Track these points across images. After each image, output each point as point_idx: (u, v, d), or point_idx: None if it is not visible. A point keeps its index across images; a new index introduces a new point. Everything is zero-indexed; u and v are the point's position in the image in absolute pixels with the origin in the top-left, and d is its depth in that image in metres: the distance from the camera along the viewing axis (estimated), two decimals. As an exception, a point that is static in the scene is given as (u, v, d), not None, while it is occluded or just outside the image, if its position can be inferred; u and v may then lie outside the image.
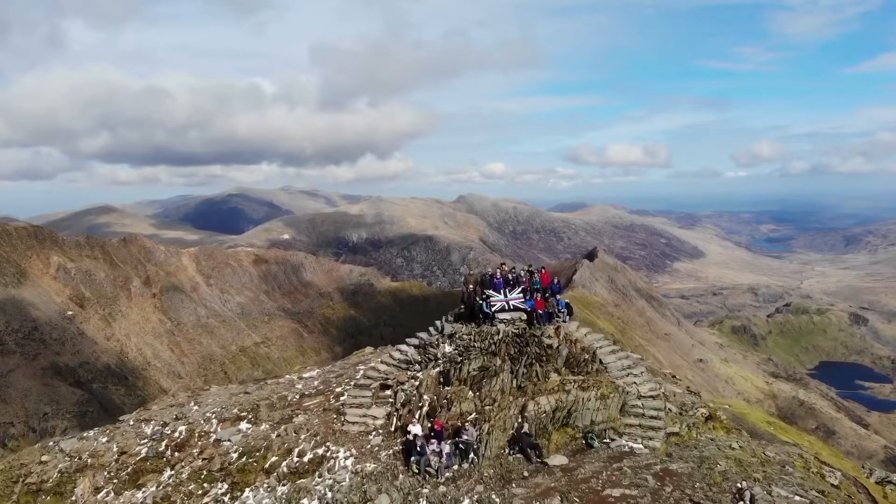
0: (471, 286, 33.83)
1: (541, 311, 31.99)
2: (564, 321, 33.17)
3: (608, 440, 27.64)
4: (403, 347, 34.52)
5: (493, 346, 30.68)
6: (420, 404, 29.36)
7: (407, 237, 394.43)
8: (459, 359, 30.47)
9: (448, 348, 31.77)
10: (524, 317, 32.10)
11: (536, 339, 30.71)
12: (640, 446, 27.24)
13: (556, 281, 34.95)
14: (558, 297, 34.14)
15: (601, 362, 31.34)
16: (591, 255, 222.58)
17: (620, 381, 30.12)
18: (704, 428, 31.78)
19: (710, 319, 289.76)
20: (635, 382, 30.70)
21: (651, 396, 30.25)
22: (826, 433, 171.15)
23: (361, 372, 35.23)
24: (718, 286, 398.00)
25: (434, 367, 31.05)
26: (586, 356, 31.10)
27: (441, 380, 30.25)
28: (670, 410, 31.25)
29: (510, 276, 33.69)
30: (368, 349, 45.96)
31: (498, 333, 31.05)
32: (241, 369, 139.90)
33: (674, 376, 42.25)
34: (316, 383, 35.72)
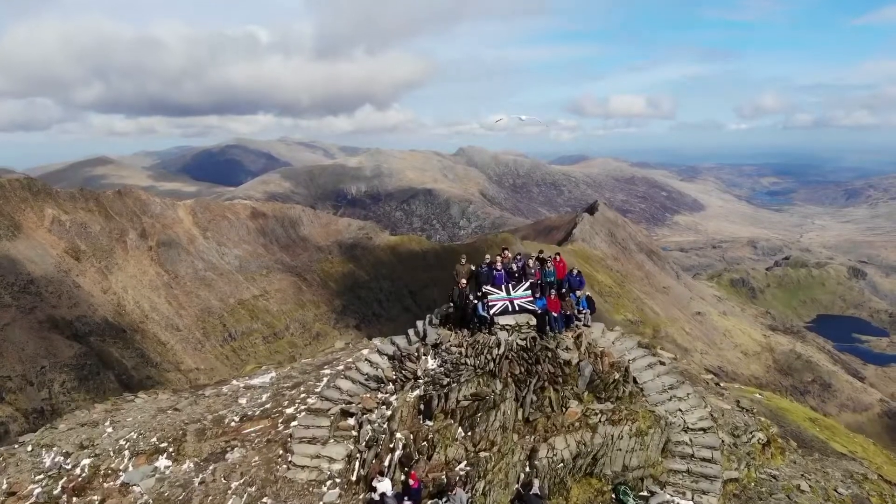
0: (462, 280, 25.91)
1: (555, 314, 24.80)
2: (587, 325, 26.20)
3: (646, 494, 21.66)
4: (375, 358, 27.20)
5: (492, 364, 23.39)
6: (391, 445, 22.15)
7: (406, 190, 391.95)
8: (446, 380, 23.23)
9: (431, 363, 24.60)
10: (533, 321, 24.96)
11: (550, 354, 23.66)
12: (690, 503, 21.38)
13: (574, 272, 27.43)
14: (578, 293, 26.50)
15: (635, 382, 24.40)
16: (591, 209, 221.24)
17: (661, 407, 23.77)
18: (762, 459, 25.41)
19: (708, 272, 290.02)
20: (680, 410, 24.10)
21: (702, 429, 23.68)
22: (822, 386, 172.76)
23: (324, 383, 27.87)
24: (718, 239, 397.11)
25: (412, 390, 23.72)
26: (616, 375, 23.83)
27: (421, 408, 23.01)
28: (723, 443, 24.35)
29: (514, 265, 26.78)
30: (339, 344, 38.10)
31: (498, 346, 23.83)
32: (239, 322, 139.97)
33: (717, 384, 35.00)
34: (265, 397, 28.16)
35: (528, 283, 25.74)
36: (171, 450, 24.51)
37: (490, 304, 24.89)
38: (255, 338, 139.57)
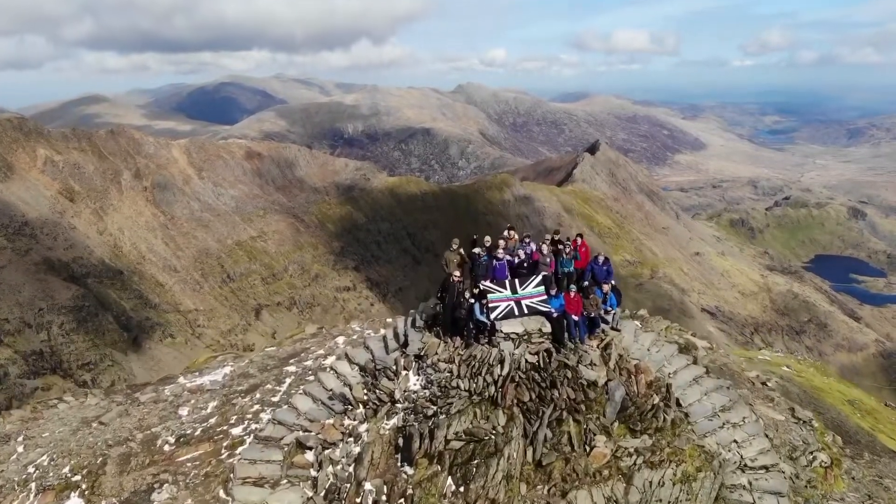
0: (455, 273, 19.80)
1: (576, 317, 19.38)
2: (616, 328, 20.92)
3: None
4: (343, 368, 21.49)
5: (493, 388, 18.14)
6: (358, 500, 17.12)
7: (404, 129, 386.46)
8: (432, 409, 18.14)
9: (413, 382, 19.23)
10: (547, 328, 19.54)
11: (570, 373, 18.34)
12: None
13: (600, 259, 21.69)
14: (605, 287, 20.91)
15: (679, 405, 19.15)
16: (592, 149, 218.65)
17: (711, 439, 18.60)
18: (825, 486, 20.58)
19: (708, 212, 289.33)
20: (735, 441, 19.03)
21: (764, 467, 18.69)
22: (818, 326, 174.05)
23: (284, 388, 23.23)
24: (718, 179, 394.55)
25: (388, 418, 18.76)
26: (655, 399, 18.61)
27: (399, 444, 18.07)
28: (782, 473, 18.93)
29: (522, 252, 21.06)
30: (310, 329, 31.74)
31: (501, 363, 18.38)
32: (238, 263, 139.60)
33: (764, 383, 28.93)
34: (211, 406, 22.91)
35: (540, 277, 20.21)
36: (84, 486, 19.67)
37: (490, 305, 19.27)
38: (254, 279, 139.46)
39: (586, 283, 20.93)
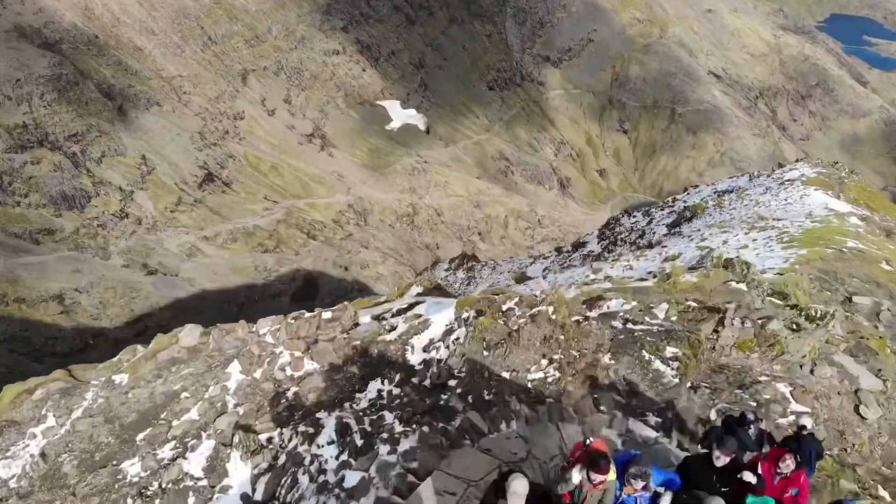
0: None
1: None
2: None
3: None
4: None
5: None
6: None
7: None
8: None
9: None
10: None
11: None
12: None
13: None
14: None
15: None
16: None
17: None
18: None
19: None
20: None
21: None
22: (825, 91, 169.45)
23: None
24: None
25: None
26: None
27: None
28: None
29: None
30: (186, 340, 14.15)
31: None
32: (218, 23, 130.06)
33: None
34: None
35: None
36: None
37: None
38: (237, 41, 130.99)
39: None
